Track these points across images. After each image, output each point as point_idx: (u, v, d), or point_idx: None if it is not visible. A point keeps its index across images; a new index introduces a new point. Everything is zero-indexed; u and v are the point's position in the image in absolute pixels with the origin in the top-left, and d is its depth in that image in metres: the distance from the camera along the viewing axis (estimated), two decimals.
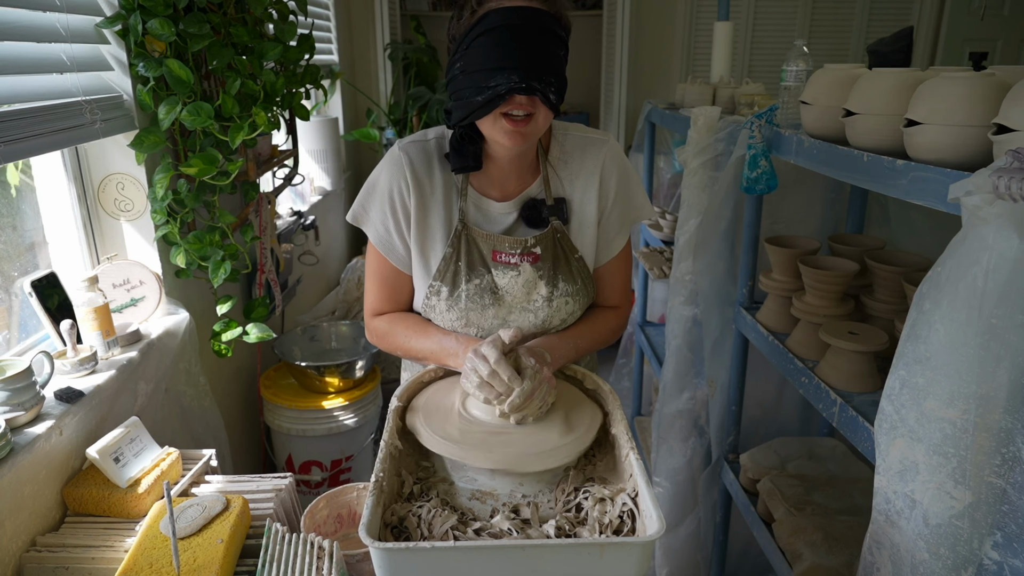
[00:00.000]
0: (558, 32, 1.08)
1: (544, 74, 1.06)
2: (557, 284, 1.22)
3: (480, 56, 1.06)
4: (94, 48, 1.47)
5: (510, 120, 1.09)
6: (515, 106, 1.08)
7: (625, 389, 3.29)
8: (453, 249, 1.21)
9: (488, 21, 1.06)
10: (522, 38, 1.05)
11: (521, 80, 1.04)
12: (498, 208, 1.23)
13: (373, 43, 3.87)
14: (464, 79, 1.09)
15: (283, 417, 2.23)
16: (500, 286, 1.21)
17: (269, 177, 2.39)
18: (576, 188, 1.24)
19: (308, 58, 2.09)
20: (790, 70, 1.62)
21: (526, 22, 1.05)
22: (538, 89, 1.06)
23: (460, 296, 1.20)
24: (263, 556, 1.13)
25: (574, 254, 1.24)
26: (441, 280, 1.21)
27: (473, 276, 1.20)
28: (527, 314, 1.22)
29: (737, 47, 3.84)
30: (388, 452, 1.03)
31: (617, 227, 1.28)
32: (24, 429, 1.18)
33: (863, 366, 1.32)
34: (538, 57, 1.05)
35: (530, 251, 1.20)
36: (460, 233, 1.20)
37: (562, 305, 1.23)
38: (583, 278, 1.25)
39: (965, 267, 0.83)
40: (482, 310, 1.21)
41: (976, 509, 0.86)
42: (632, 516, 0.94)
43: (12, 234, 1.50)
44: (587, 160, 1.24)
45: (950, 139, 0.99)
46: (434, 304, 1.23)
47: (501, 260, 1.20)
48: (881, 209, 1.80)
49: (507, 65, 1.04)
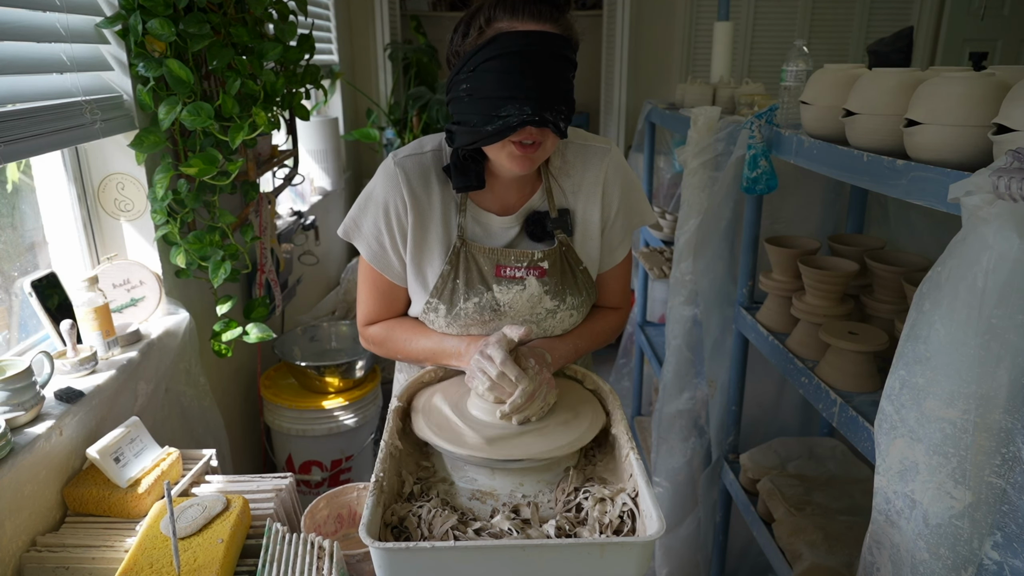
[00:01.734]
0: (568, 55, 1.05)
1: (555, 104, 1.04)
2: (564, 299, 1.20)
3: (490, 83, 1.03)
4: (94, 48, 1.47)
5: (519, 147, 1.07)
6: (525, 136, 1.06)
7: (625, 389, 3.29)
8: (451, 267, 1.18)
9: (498, 45, 1.02)
10: (534, 67, 1.02)
11: (534, 113, 1.02)
12: (500, 223, 1.20)
13: (373, 43, 3.87)
14: (471, 104, 1.06)
15: (283, 417, 2.23)
16: (502, 303, 1.18)
17: (269, 177, 2.39)
18: (580, 200, 1.22)
19: (308, 58, 2.09)
20: (790, 70, 1.62)
21: (538, 48, 1.02)
22: (550, 121, 1.04)
23: (459, 314, 1.18)
24: (263, 556, 1.13)
25: (579, 266, 1.22)
26: (439, 298, 1.19)
27: (472, 295, 1.17)
28: (529, 325, 1.20)
29: (737, 47, 3.84)
30: (388, 452, 1.03)
31: (621, 236, 1.27)
32: (24, 429, 1.18)
33: (863, 366, 1.32)
34: (550, 87, 1.03)
35: (537, 265, 1.17)
36: (458, 250, 1.17)
37: (566, 318, 1.22)
38: (587, 289, 1.23)
39: (965, 267, 0.83)
40: (483, 325, 1.19)
41: (976, 509, 0.86)
42: (632, 516, 0.94)
43: (12, 234, 1.50)
44: (589, 171, 1.22)
45: (950, 139, 0.99)
46: (433, 320, 1.21)
47: (505, 275, 1.17)
48: (881, 209, 1.80)
49: (518, 96, 1.02)
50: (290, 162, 2.37)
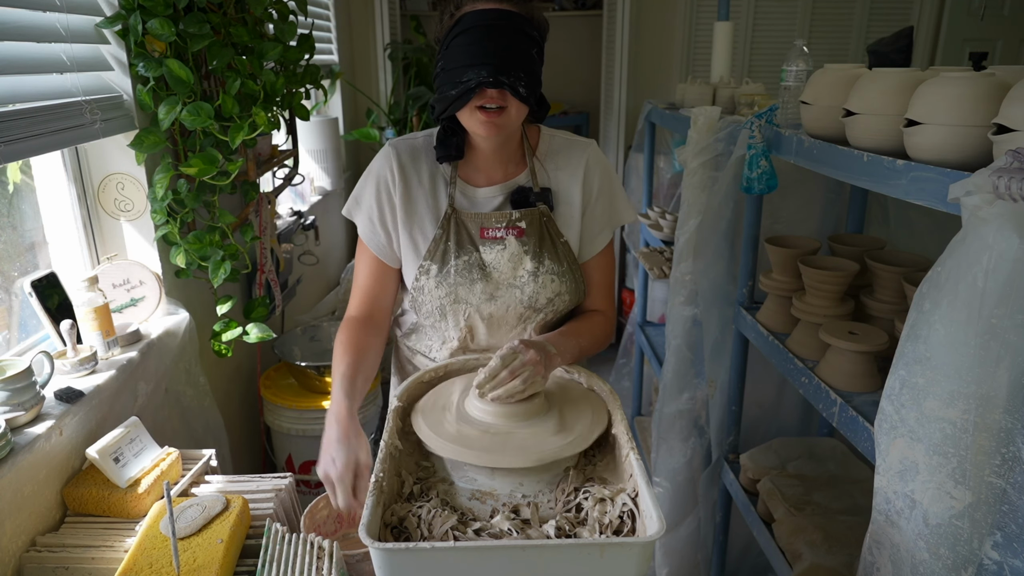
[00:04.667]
0: (528, 31, 1.16)
1: (512, 69, 1.13)
2: (543, 261, 1.27)
3: (456, 55, 1.15)
4: (94, 48, 1.47)
5: (484, 112, 1.17)
6: (487, 100, 1.16)
7: (625, 389, 3.29)
8: (443, 230, 1.27)
9: (464, 23, 1.15)
10: (492, 36, 1.13)
11: (489, 75, 1.12)
12: (484, 192, 1.30)
13: (373, 43, 3.87)
14: (444, 76, 1.18)
15: (283, 417, 2.23)
16: (487, 262, 1.27)
17: (269, 177, 2.39)
18: (562, 180, 1.32)
19: (308, 58, 2.09)
20: (790, 70, 1.62)
21: (497, 21, 1.14)
22: (506, 83, 1.13)
23: (449, 272, 1.26)
24: (263, 556, 1.13)
25: (560, 238, 1.30)
26: (431, 259, 1.27)
27: (462, 253, 1.26)
28: (513, 290, 1.27)
29: (737, 47, 3.83)
30: (388, 452, 1.03)
31: (600, 224, 1.34)
32: (24, 429, 1.18)
33: (863, 366, 1.32)
34: (507, 53, 1.13)
35: (515, 224, 1.27)
36: (450, 216, 1.27)
37: (548, 282, 1.27)
38: (569, 262, 1.30)
39: (965, 267, 0.83)
40: (470, 285, 1.26)
41: (976, 509, 0.86)
42: (632, 516, 0.94)
43: (12, 234, 1.50)
44: (573, 156, 1.33)
45: (950, 139, 0.99)
46: (423, 284, 1.28)
47: (488, 236, 1.27)
48: (881, 209, 1.80)
49: (477, 62, 1.13)
50: (290, 162, 2.37)
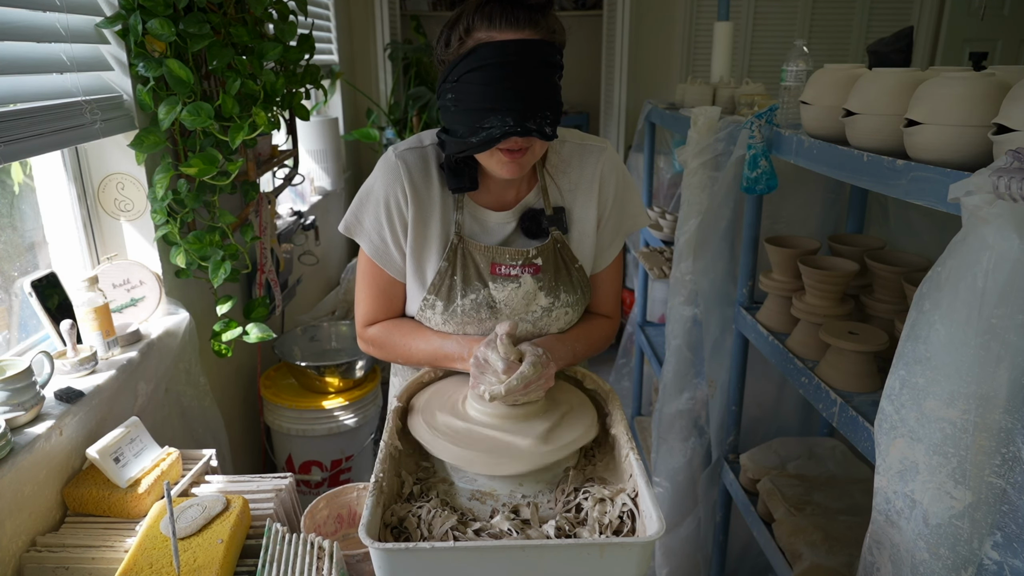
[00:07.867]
0: (550, 58, 1.04)
1: (539, 111, 1.04)
2: (559, 295, 1.20)
3: (472, 94, 1.04)
4: (94, 48, 1.47)
5: (507, 154, 1.08)
6: (511, 144, 1.06)
7: (625, 389, 3.29)
8: (448, 263, 1.18)
9: (479, 56, 1.02)
10: (515, 77, 1.02)
11: (516, 124, 1.02)
12: (496, 218, 1.21)
13: (373, 43, 3.87)
14: (457, 115, 1.07)
15: (283, 417, 2.23)
16: (498, 300, 1.18)
17: (269, 177, 2.39)
18: (577, 198, 1.22)
19: (308, 58, 2.09)
20: (790, 70, 1.62)
21: (518, 58, 1.02)
22: (533, 129, 1.04)
23: (455, 311, 1.18)
24: (263, 556, 1.13)
25: (574, 264, 1.22)
26: (436, 294, 1.19)
27: (469, 291, 1.17)
28: (524, 324, 1.21)
29: (737, 47, 3.83)
30: (388, 452, 1.03)
31: (612, 235, 1.27)
32: (24, 429, 1.18)
33: (863, 366, 1.32)
34: (532, 95, 1.03)
35: (531, 262, 1.18)
36: (456, 247, 1.18)
37: (561, 315, 1.22)
38: (583, 287, 1.24)
39: (965, 267, 0.83)
40: (479, 323, 1.19)
41: (976, 509, 0.86)
42: (632, 516, 0.94)
43: (12, 234, 1.50)
44: (586, 168, 1.22)
45: (950, 139, 0.99)
46: (429, 316, 1.21)
47: (501, 272, 1.18)
48: (881, 209, 1.80)
49: (501, 107, 1.02)
50: (290, 162, 2.37)
